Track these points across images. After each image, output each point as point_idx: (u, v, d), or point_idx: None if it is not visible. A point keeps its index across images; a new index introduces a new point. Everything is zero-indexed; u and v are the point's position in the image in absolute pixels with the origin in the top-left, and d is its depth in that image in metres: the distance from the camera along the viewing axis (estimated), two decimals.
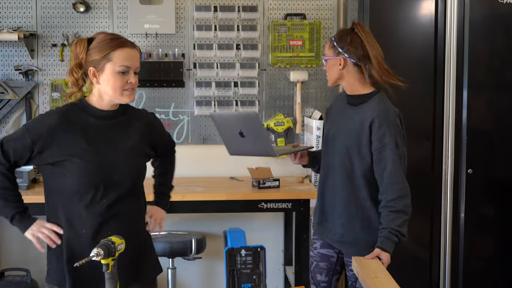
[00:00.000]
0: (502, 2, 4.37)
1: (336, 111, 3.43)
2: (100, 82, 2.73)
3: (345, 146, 3.27)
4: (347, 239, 3.32)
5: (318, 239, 3.50)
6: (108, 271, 2.46)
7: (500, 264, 4.51)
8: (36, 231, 2.75)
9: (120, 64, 2.71)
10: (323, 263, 3.47)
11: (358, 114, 3.26)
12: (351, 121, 3.28)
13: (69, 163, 2.71)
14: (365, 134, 3.21)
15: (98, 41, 2.74)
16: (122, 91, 2.73)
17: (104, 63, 2.71)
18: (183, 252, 4.42)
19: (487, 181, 4.45)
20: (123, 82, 2.72)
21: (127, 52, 2.73)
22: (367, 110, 3.25)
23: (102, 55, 2.71)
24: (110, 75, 2.71)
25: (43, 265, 4.52)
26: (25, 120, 4.74)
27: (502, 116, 4.44)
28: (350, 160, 3.26)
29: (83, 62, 2.73)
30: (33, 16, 4.74)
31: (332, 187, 3.37)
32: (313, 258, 3.51)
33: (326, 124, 3.47)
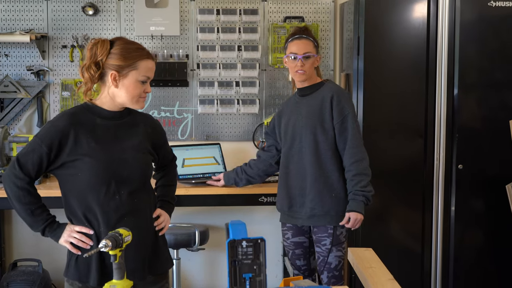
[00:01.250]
0: (492, 6, 4.37)
1: (289, 107, 3.70)
2: (119, 87, 2.74)
3: (308, 127, 3.55)
4: (318, 211, 3.52)
5: (288, 229, 3.68)
6: (116, 261, 2.47)
7: (490, 255, 4.52)
8: (68, 237, 2.74)
9: (143, 74, 2.74)
10: (298, 250, 3.67)
11: (315, 98, 3.59)
12: (309, 106, 3.57)
13: (80, 162, 2.71)
14: (327, 110, 3.53)
15: (122, 47, 2.74)
16: (138, 99, 2.76)
17: (129, 70, 2.71)
18: (187, 244, 4.43)
19: (477, 176, 4.46)
20: (141, 91, 2.75)
21: (150, 64, 2.77)
22: (325, 91, 3.59)
23: (128, 62, 2.71)
24: (132, 82, 2.73)
25: (54, 256, 4.56)
26: (37, 118, 4.75)
27: (491, 114, 4.44)
28: (315, 138, 3.54)
29: (102, 63, 2.74)
30: (44, 19, 4.74)
31: (297, 171, 3.59)
32: (287, 247, 3.70)
33: (281, 123, 3.70)
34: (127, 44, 2.76)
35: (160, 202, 3.02)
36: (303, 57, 3.54)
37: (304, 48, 3.57)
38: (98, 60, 2.73)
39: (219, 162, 4.59)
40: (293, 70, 3.60)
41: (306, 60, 3.55)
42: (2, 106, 4.73)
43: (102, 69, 2.73)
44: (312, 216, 3.54)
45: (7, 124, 4.69)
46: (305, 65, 3.55)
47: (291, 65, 3.61)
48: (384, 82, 4.38)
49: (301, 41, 3.59)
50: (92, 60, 2.74)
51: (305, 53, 3.55)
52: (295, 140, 3.60)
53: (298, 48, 3.57)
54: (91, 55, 2.75)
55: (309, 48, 3.58)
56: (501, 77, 4.43)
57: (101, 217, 2.74)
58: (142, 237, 2.75)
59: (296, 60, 3.55)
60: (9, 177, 2.74)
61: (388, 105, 4.38)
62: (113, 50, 2.73)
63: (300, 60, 3.54)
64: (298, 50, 3.56)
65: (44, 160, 2.71)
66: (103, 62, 2.73)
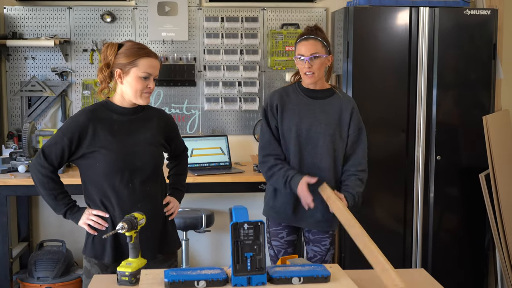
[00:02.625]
0: (467, 14, 4.37)
1: (295, 105, 3.29)
2: (124, 83, 2.75)
3: (329, 135, 3.25)
4: (328, 217, 3.23)
5: (283, 229, 3.37)
6: (131, 242, 2.48)
7: (464, 236, 4.53)
8: (86, 219, 2.76)
9: (143, 70, 2.72)
10: (290, 249, 3.39)
11: (332, 106, 3.29)
12: (326, 113, 3.27)
13: (97, 153, 2.73)
14: (346, 120, 3.29)
15: (127, 47, 2.76)
16: (141, 94, 2.75)
17: (130, 67, 2.72)
18: (195, 226, 4.43)
19: (453, 166, 4.46)
20: (143, 86, 2.74)
21: (151, 61, 2.75)
22: (343, 101, 3.32)
23: (129, 60, 2.72)
24: (133, 78, 2.73)
25: (76, 237, 4.56)
26: (61, 114, 4.74)
27: (466, 111, 4.44)
28: (334, 145, 3.27)
29: (111, 63, 2.75)
30: (67, 25, 4.73)
31: (311, 175, 3.21)
32: (280, 246, 3.38)
33: (284, 117, 3.29)
34: (132, 45, 2.77)
35: (171, 189, 3.03)
36: (310, 58, 3.16)
37: (311, 48, 3.18)
38: (108, 61, 2.75)
39: (224, 152, 4.57)
40: (302, 72, 3.23)
41: (314, 60, 3.17)
42: (29, 103, 4.73)
43: (111, 68, 2.75)
44: (320, 222, 3.29)
45: (34, 119, 4.69)
46: (313, 66, 3.17)
47: (300, 66, 3.24)
48: (370, 83, 4.37)
49: (308, 41, 3.20)
50: (104, 62, 2.76)
51: (312, 54, 3.16)
52: (308, 144, 3.27)
53: (305, 49, 3.19)
54: (103, 58, 2.78)
55: (316, 49, 3.18)
56: (475, 77, 4.43)
57: (116, 203, 2.76)
58: (153, 220, 2.76)
59: (304, 62, 3.18)
60: (35, 166, 2.77)
61: (374, 103, 4.36)
62: (119, 51, 2.75)
63: (307, 61, 3.16)
64: (305, 51, 3.18)
65: (65, 151, 2.73)
66: (112, 62, 2.74)
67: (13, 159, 4.31)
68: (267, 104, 3.33)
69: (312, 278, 2.28)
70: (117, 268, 2.42)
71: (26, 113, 4.71)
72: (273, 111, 3.30)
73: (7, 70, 4.73)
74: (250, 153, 4.82)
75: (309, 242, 3.40)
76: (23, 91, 4.71)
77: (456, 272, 4.52)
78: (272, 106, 3.30)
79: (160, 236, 2.88)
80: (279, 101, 3.30)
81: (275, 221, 3.37)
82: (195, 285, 2.22)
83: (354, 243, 3.18)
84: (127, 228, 2.46)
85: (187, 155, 3.17)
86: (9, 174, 4.21)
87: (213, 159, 4.53)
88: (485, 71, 4.43)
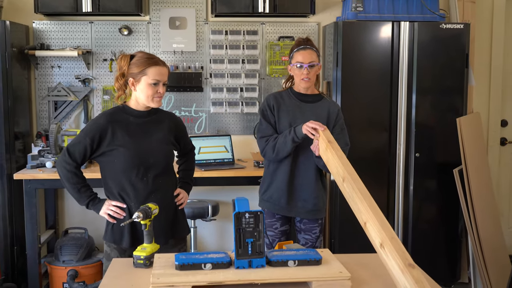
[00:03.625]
0: (443, 27, 4.37)
1: (289, 107, 3.31)
2: (137, 90, 2.76)
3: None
4: (318, 207, 3.29)
5: (277, 220, 3.36)
6: (146, 229, 2.49)
7: (440, 224, 4.53)
8: (106, 209, 2.78)
9: (152, 78, 2.73)
10: (284, 237, 3.39)
11: (321, 108, 3.32)
12: (315, 115, 3.27)
13: (116, 151, 2.74)
14: (332, 122, 3.31)
15: (138, 58, 2.76)
16: (152, 98, 2.76)
17: (141, 76, 2.73)
18: (202, 215, 4.43)
19: (430, 162, 4.46)
20: (154, 91, 2.74)
21: (159, 69, 2.75)
22: (331, 104, 3.36)
23: (140, 69, 2.72)
24: (144, 85, 2.73)
25: (97, 225, 4.56)
26: (83, 116, 4.74)
27: (442, 113, 4.44)
28: None
29: (125, 73, 2.75)
30: (89, 38, 4.73)
31: (303, 171, 3.27)
32: (274, 236, 3.38)
33: (280, 116, 3.30)
34: (142, 55, 2.77)
35: (181, 182, 3.04)
36: (308, 65, 3.21)
37: (309, 57, 3.23)
38: (123, 71, 2.75)
39: (228, 150, 4.57)
40: (299, 77, 3.25)
41: (311, 68, 3.23)
42: (56, 106, 4.73)
43: (126, 77, 2.75)
44: (311, 211, 3.31)
45: (60, 121, 4.68)
46: (310, 73, 3.22)
47: (297, 73, 3.26)
48: (357, 88, 4.37)
49: (306, 51, 3.24)
50: (120, 72, 2.77)
51: (310, 62, 3.22)
52: (302, 144, 3.22)
53: (303, 57, 3.22)
54: (118, 68, 2.79)
55: (313, 58, 3.24)
56: (450, 84, 4.42)
57: (132, 195, 2.76)
58: (165, 210, 2.76)
59: (302, 69, 3.21)
60: (60, 163, 2.78)
61: (361, 106, 4.36)
62: (131, 62, 2.75)
63: (306, 68, 3.21)
64: (304, 60, 3.22)
65: (87, 149, 2.74)
66: (126, 72, 2.75)
67: (41, 156, 4.31)
68: (264, 105, 3.35)
69: (305, 261, 2.28)
70: (133, 253, 2.43)
71: (52, 116, 4.71)
72: (271, 110, 3.32)
73: (36, 77, 4.73)
74: (250, 150, 4.82)
75: (300, 231, 3.40)
76: (50, 96, 4.70)
77: (433, 256, 4.52)
78: (270, 106, 3.33)
79: (172, 224, 2.88)
80: (274, 102, 3.33)
81: (269, 212, 3.37)
82: (203, 267, 2.22)
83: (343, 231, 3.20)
84: (142, 217, 2.46)
85: (194, 153, 3.18)
86: (38, 169, 4.21)
87: (218, 156, 4.53)
88: (459, 78, 4.42)
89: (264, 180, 3.41)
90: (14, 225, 4.36)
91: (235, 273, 2.19)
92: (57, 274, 4.32)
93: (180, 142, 3.00)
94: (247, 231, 2.24)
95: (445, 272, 4.56)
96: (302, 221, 3.38)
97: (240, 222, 2.24)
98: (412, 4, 4.43)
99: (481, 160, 4.52)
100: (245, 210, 2.25)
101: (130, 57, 2.77)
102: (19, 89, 4.48)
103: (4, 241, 4.30)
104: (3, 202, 4.28)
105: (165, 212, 2.78)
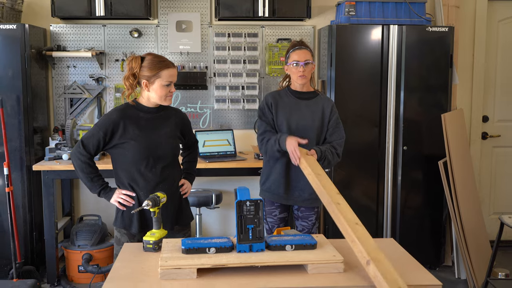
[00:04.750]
0: (429, 30, 4.35)
1: (286, 104, 3.29)
2: (150, 90, 2.75)
3: (315, 128, 3.26)
4: (313, 196, 3.22)
5: (276, 208, 3.35)
6: (155, 216, 2.49)
7: (425, 212, 4.53)
8: (117, 197, 2.78)
9: (166, 80, 2.73)
10: (282, 224, 3.38)
11: (317, 104, 3.30)
12: (311, 111, 3.28)
13: (127, 144, 2.73)
14: (327, 116, 3.30)
15: (149, 61, 2.73)
16: (166, 97, 2.76)
17: (155, 78, 2.72)
18: (207, 203, 4.43)
19: (417, 155, 4.45)
20: (167, 92, 2.74)
21: (170, 71, 2.75)
22: (325, 101, 3.33)
23: (154, 73, 2.71)
24: (158, 86, 2.73)
25: (109, 212, 4.56)
26: (97, 112, 4.73)
27: (427, 110, 4.43)
28: (316, 136, 3.27)
29: (137, 74, 2.74)
30: (102, 40, 4.71)
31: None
32: (273, 223, 3.37)
33: (278, 113, 3.28)
34: (153, 58, 2.76)
35: (185, 173, 3.04)
36: (304, 63, 3.20)
37: (304, 56, 3.21)
38: (134, 72, 2.73)
39: (230, 143, 4.56)
40: (296, 75, 3.23)
41: (307, 66, 3.21)
42: (71, 103, 4.72)
43: (138, 79, 2.74)
44: (307, 200, 3.29)
45: (75, 116, 4.68)
46: (306, 70, 3.21)
47: (294, 71, 3.24)
48: (349, 86, 4.35)
49: (301, 50, 3.23)
50: (130, 72, 2.75)
51: (305, 60, 3.20)
52: (297, 134, 3.20)
53: (299, 56, 3.21)
54: (129, 68, 2.76)
55: (308, 56, 3.22)
56: (435, 82, 4.41)
57: (141, 184, 2.77)
58: (171, 199, 2.76)
59: (299, 67, 3.20)
60: (75, 154, 2.78)
61: (353, 103, 4.35)
62: (143, 64, 2.74)
63: (302, 66, 3.19)
64: (300, 58, 3.20)
65: (101, 142, 2.73)
66: (138, 73, 2.73)
67: (58, 149, 4.31)
68: (263, 103, 3.34)
69: (302, 246, 2.28)
70: (143, 238, 2.43)
71: (68, 112, 4.70)
72: (269, 108, 3.31)
73: (53, 76, 4.71)
74: (251, 144, 4.81)
75: (298, 218, 3.40)
76: (66, 94, 4.69)
77: (419, 241, 4.52)
78: (268, 104, 3.31)
79: (177, 211, 2.89)
80: (273, 100, 3.31)
81: (269, 201, 3.36)
82: (207, 251, 2.22)
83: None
84: (152, 205, 2.46)
85: (198, 146, 3.18)
86: (55, 161, 4.21)
87: (221, 149, 4.52)
88: (444, 77, 4.41)
89: (263, 172, 3.41)
90: (33, 213, 4.36)
91: (237, 257, 2.19)
92: (72, 257, 4.32)
93: (185, 136, 3.00)
94: (248, 218, 2.24)
95: (431, 256, 4.56)
96: (300, 209, 3.36)
97: (242, 209, 2.24)
98: (401, 9, 4.42)
99: (464, 153, 4.51)
100: (246, 198, 2.25)
101: (141, 59, 2.76)
102: (38, 87, 4.47)
103: (24, 227, 4.30)
104: (23, 192, 4.28)
105: (171, 200, 2.78)
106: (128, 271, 2.19)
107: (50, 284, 4.24)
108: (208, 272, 2.15)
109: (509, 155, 5.27)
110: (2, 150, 4.16)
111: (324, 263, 2.16)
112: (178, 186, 2.90)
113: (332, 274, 2.15)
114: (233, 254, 2.22)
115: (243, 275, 2.13)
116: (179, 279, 2.09)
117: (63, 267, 4.47)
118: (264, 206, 3.36)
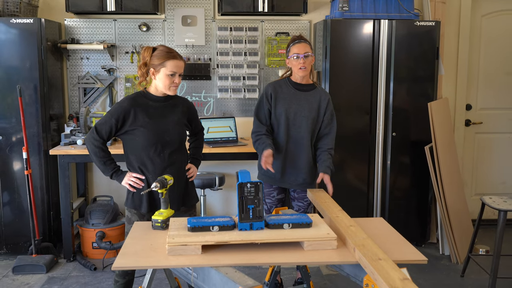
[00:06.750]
0: (417, 25, 4.33)
1: (285, 94, 3.28)
2: (156, 79, 2.73)
3: (311, 118, 3.25)
4: (307, 180, 3.28)
5: (274, 190, 3.35)
6: (163, 197, 2.49)
7: (412, 193, 4.53)
8: (127, 180, 2.77)
9: (170, 70, 2.71)
10: (280, 204, 3.39)
11: (314, 97, 3.28)
12: (309, 102, 3.26)
13: (137, 131, 2.73)
14: (323, 108, 3.28)
15: (159, 51, 2.73)
16: (169, 87, 2.74)
17: (160, 67, 2.70)
18: (210, 185, 4.44)
19: (405, 140, 4.45)
20: (171, 82, 2.72)
21: (176, 63, 2.72)
22: (322, 93, 3.31)
23: (160, 62, 2.70)
24: (163, 75, 2.71)
25: (121, 193, 4.58)
26: (109, 101, 4.72)
27: (415, 99, 4.42)
28: (312, 126, 3.26)
29: (148, 63, 2.73)
30: (113, 33, 4.69)
31: (295, 151, 3.25)
32: (271, 203, 3.38)
33: (277, 103, 3.27)
34: (163, 49, 2.74)
35: (191, 158, 3.04)
36: (304, 56, 3.16)
37: (304, 49, 3.18)
38: (146, 61, 2.72)
39: (232, 130, 4.56)
40: (297, 67, 3.19)
41: (307, 58, 3.17)
42: (85, 92, 4.71)
43: (148, 67, 2.73)
44: (301, 184, 3.30)
45: (88, 105, 4.67)
46: (306, 62, 3.17)
47: (294, 63, 3.20)
48: (343, 77, 4.34)
49: (301, 44, 3.19)
50: (142, 61, 2.74)
51: (305, 53, 3.17)
52: (294, 125, 3.24)
53: (299, 49, 3.18)
54: (142, 58, 2.75)
55: (307, 49, 3.19)
56: (422, 73, 4.39)
57: (150, 168, 2.77)
58: (178, 182, 2.76)
59: (299, 59, 3.16)
60: (89, 139, 2.77)
61: (346, 92, 4.34)
62: (154, 53, 2.72)
63: (302, 58, 3.16)
64: (300, 51, 3.17)
65: (113, 128, 2.73)
66: (148, 62, 2.72)
67: (72, 135, 4.31)
68: (264, 92, 3.32)
69: (298, 224, 2.29)
70: (152, 217, 2.44)
71: (82, 100, 4.69)
72: (268, 98, 3.29)
73: (67, 68, 4.70)
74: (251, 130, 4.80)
75: (294, 199, 3.41)
76: (80, 83, 4.68)
77: (406, 220, 4.53)
78: (268, 94, 3.30)
79: (183, 193, 2.89)
80: (273, 91, 3.29)
81: (267, 184, 3.36)
82: (211, 229, 2.23)
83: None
84: (160, 186, 2.47)
85: (203, 133, 3.17)
86: (70, 146, 4.21)
87: (224, 135, 4.52)
88: (430, 68, 4.39)
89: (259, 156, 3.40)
90: (50, 194, 4.37)
91: (238, 234, 2.20)
92: (87, 235, 4.34)
93: (192, 123, 2.99)
94: (249, 198, 2.25)
95: (417, 233, 4.58)
96: (296, 190, 3.37)
97: (243, 191, 2.24)
98: (391, 4, 4.39)
99: (449, 139, 4.51)
100: (247, 181, 2.25)
101: (152, 49, 2.75)
102: (54, 78, 4.45)
103: (42, 207, 4.32)
104: (41, 174, 4.28)
105: (178, 183, 2.79)
106: (138, 248, 2.20)
107: (66, 259, 4.26)
108: (212, 249, 2.16)
109: (490, 141, 5.27)
110: (21, 136, 4.17)
111: (319, 241, 2.18)
112: (185, 170, 2.90)
113: (326, 251, 2.16)
114: (235, 232, 2.23)
115: (244, 252, 2.14)
116: (185, 254, 2.11)
117: (78, 243, 4.49)
118: (263, 188, 3.36)
